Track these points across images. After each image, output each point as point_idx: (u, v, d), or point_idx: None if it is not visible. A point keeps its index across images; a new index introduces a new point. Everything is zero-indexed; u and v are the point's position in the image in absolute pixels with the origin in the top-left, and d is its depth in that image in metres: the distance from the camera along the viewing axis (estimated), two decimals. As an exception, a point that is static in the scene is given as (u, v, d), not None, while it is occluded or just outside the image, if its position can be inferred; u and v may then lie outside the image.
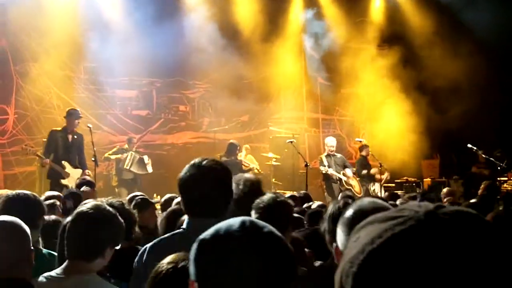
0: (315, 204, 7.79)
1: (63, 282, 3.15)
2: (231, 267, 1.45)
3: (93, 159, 11.98)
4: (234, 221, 1.53)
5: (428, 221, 0.90)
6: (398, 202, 7.63)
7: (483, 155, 14.96)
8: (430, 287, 0.84)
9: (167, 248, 2.62)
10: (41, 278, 3.17)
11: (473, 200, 8.70)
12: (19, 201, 4.23)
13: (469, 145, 15.11)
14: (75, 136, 11.97)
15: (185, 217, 3.31)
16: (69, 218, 3.44)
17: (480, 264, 0.86)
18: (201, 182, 3.12)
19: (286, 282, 1.50)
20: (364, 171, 15.32)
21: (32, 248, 3.15)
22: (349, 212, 2.37)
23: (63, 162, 11.70)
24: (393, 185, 16.20)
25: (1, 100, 14.90)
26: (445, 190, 10.79)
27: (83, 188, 8.66)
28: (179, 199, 5.68)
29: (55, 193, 7.66)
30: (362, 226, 0.98)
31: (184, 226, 3.16)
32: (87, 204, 3.40)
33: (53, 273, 3.22)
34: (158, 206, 8.05)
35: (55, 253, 3.73)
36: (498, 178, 15.02)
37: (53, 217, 5.04)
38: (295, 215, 5.18)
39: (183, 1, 16.70)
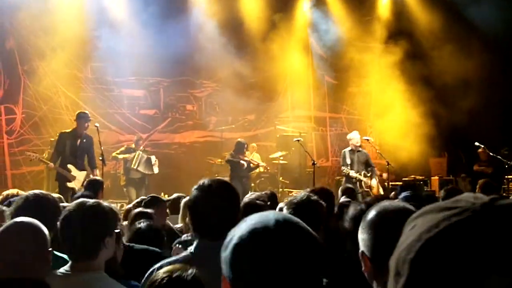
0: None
1: (71, 278, 3.15)
2: (268, 266, 1.43)
3: (100, 158, 11.96)
4: (268, 219, 1.50)
5: (485, 213, 0.92)
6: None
7: (490, 153, 14.78)
8: (486, 275, 0.86)
9: None
10: (50, 275, 3.17)
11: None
12: (37, 201, 4.21)
13: (476, 143, 15.00)
14: (84, 140, 11.96)
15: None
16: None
17: None
18: (210, 204, 3.12)
19: (318, 278, 1.50)
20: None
21: (50, 249, 3.13)
22: (371, 215, 2.32)
23: (68, 165, 11.72)
24: (401, 183, 15.88)
25: (8, 100, 14.87)
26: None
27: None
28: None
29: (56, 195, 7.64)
30: (417, 216, 1.00)
31: (192, 249, 3.13)
32: (68, 207, 3.38)
33: (62, 269, 3.21)
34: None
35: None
36: (506, 176, 14.97)
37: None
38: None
39: (189, 0, 16.64)
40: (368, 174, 13.77)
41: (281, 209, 4.24)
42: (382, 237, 2.14)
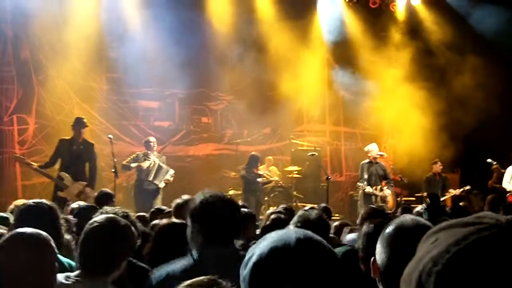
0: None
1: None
2: (289, 284, 1.37)
3: (113, 170, 11.52)
4: (289, 236, 1.44)
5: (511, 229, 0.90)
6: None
7: (502, 170, 14.19)
8: None
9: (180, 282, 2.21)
10: (60, 279, 3.07)
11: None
12: (31, 210, 4.10)
13: (488, 160, 14.55)
14: (81, 146, 11.34)
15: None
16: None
17: None
18: (214, 213, 3.22)
19: None
20: None
21: (57, 255, 3.03)
22: (390, 229, 2.31)
23: (61, 173, 11.11)
24: (413, 199, 15.56)
25: (21, 110, 14.21)
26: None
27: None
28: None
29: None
30: (438, 230, 0.98)
31: (195, 256, 3.14)
32: (98, 219, 3.24)
33: (71, 275, 3.12)
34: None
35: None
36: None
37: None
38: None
39: (206, 12, 16.04)
40: (384, 187, 13.21)
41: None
42: (398, 252, 2.13)
